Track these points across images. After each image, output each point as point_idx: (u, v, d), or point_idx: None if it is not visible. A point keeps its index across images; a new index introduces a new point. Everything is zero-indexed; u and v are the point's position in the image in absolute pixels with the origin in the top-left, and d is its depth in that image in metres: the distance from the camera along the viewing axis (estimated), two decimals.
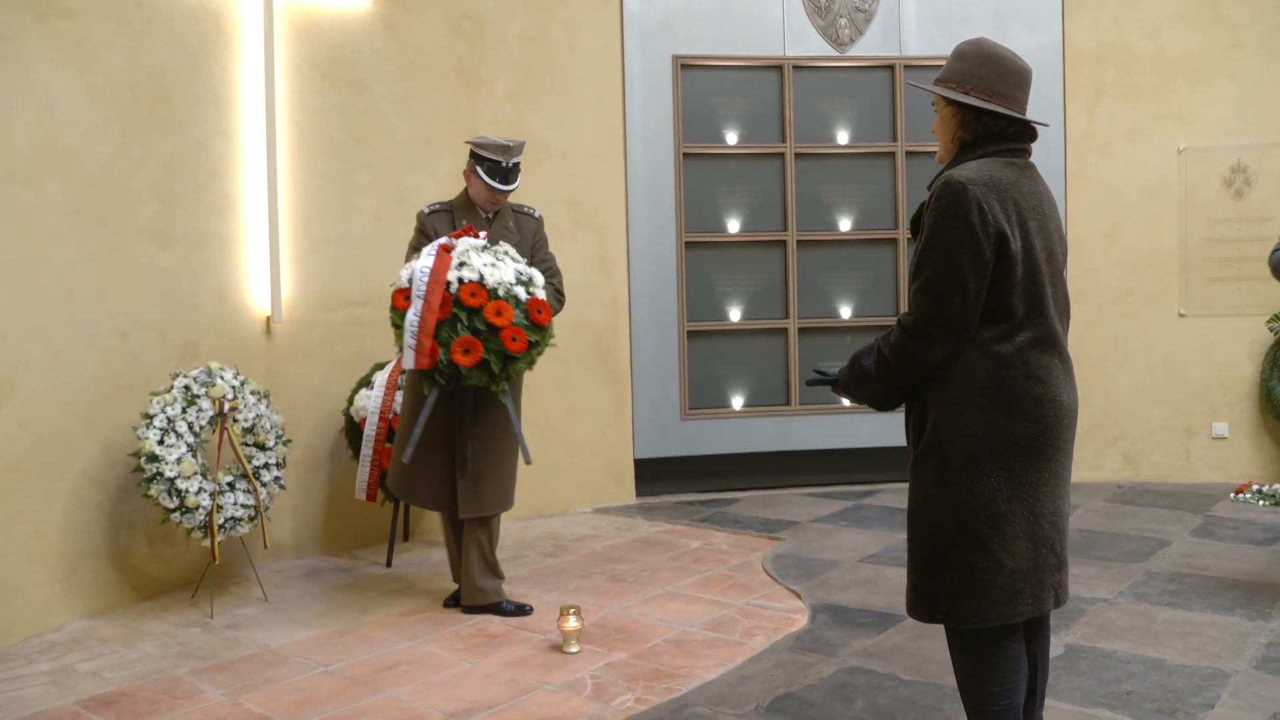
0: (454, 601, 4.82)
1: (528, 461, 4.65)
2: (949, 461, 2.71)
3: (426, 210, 4.77)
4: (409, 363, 4.25)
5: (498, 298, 4.29)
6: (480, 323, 4.27)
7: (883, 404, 2.91)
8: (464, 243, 4.39)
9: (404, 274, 4.32)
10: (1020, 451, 2.69)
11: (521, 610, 4.69)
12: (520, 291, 4.35)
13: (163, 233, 5.07)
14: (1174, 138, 7.05)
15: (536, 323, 4.35)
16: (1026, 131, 2.83)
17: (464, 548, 4.69)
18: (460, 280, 4.26)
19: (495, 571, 4.73)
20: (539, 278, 4.44)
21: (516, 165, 4.68)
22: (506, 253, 4.45)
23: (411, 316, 4.22)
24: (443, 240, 4.40)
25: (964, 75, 2.80)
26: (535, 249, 4.82)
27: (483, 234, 4.55)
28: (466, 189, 4.77)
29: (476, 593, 4.69)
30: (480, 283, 4.28)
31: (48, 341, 4.61)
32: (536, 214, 4.94)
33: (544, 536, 6.00)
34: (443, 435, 4.57)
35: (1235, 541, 5.59)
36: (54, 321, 4.63)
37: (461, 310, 4.25)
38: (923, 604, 2.82)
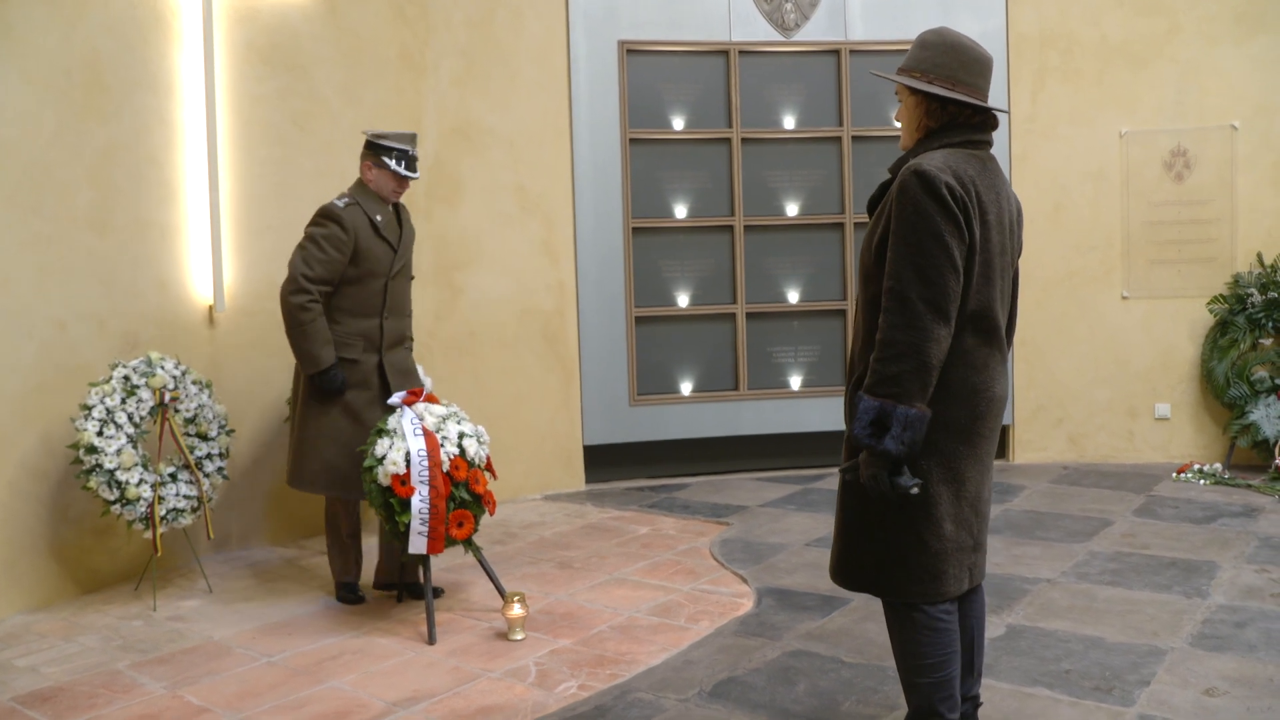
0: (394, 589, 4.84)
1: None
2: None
3: (341, 204, 4.58)
4: (419, 549, 4.19)
5: (474, 467, 4.35)
6: (466, 493, 4.31)
7: (918, 437, 2.64)
8: (434, 411, 4.38)
9: (395, 456, 4.18)
10: (953, 437, 2.75)
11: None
12: (483, 452, 4.42)
13: (101, 221, 4.99)
14: (1116, 122, 7.13)
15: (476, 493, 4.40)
16: (989, 120, 2.86)
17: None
18: (448, 457, 4.28)
19: None
20: (484, 431, 4.49)
21: (417, 156, 4.72)
22: (455, 412, 4.47)
23: (419, 504, 4.17)
24: (410, 413, 4.34)
25: (928, 64, 2.81)
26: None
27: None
28: (363, 182, 4.69)
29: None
30: (462, 456, 4.32)
31: None
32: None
33: (492, 524, 5.98)
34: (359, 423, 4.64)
35: (1175, 520, 5.69)
36: None
37: (454, 486, 4.28)
38: (849, 573, 2.90)
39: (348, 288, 4.58)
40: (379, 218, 4.63)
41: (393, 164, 4.61)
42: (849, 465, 2.78)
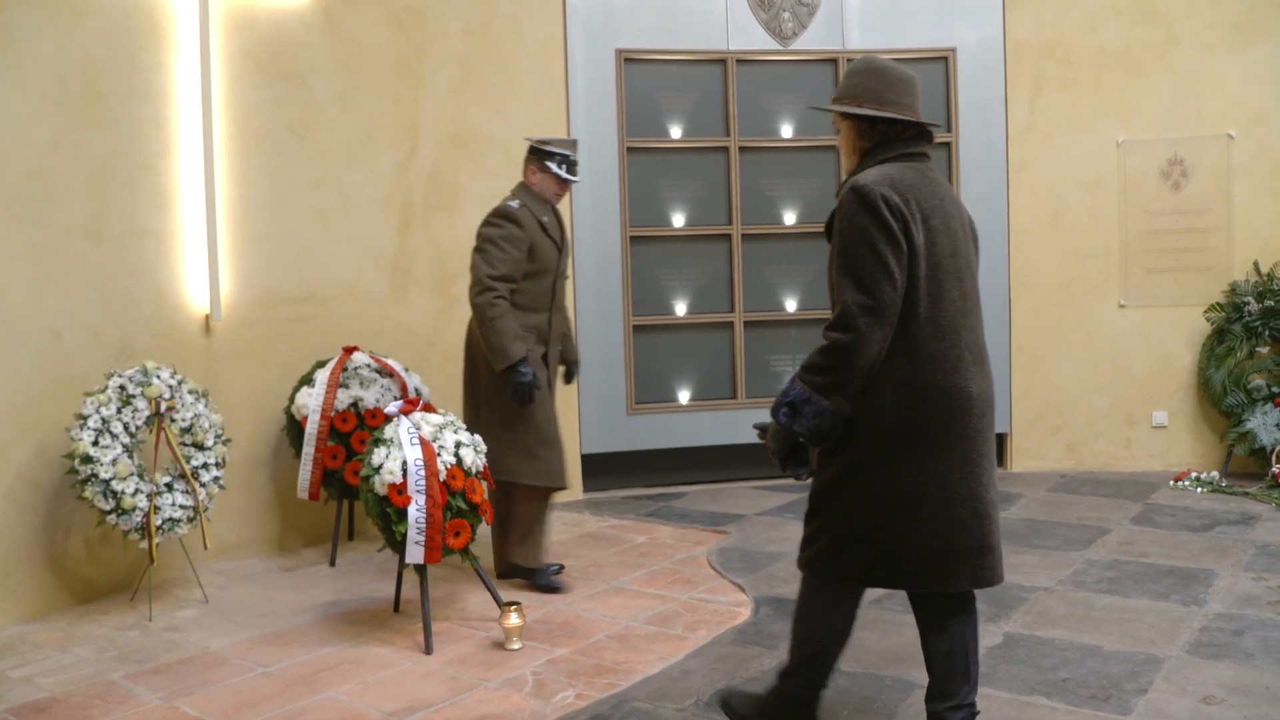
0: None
1: None
2: (863, 450, 2.92)
3: (515, 205, 4.89)
4: (416, 558, 4.19)
5: (471, 476, 4.36)
6: (463, 502, 4.31)
7: (825, 427, 2.89)
8: (430, 420, 4.38)
9: (392, 466, 4.19)
10: (928, 439, 2.89)
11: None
12: (479, 461, 4.43)
13: (96, 229, 4.99)
14: (1113, 130, 7.14)
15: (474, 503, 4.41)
16: (923, 134, 3.05)
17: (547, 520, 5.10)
18: (445, 466, 4.27)
19: None
20: (480, 440, 4.51)
21: (577, 160, 5.06)
22: (452, 421, 4.47)
23: (415, 513, 4.16)
24: (407, 423, 4.33)
25: (856, 90, 3.02)
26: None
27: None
28: (527, 185, 5.02)
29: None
30: (459, 465, 4.32)
31: None
32: None
33: (488, 533, 5.94)
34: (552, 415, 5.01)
35: (1173, 529, 5.69)
36: None
37: (451, 495, 4.28)
38: (825, 567, 3.06)
39: (523, 284, 4.88)
40: (545, 218, 4.96)
41: (555, 168, 4.96)
42: (761, 423, 3.05)
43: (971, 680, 3.06)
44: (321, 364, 5.58)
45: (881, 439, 2.89)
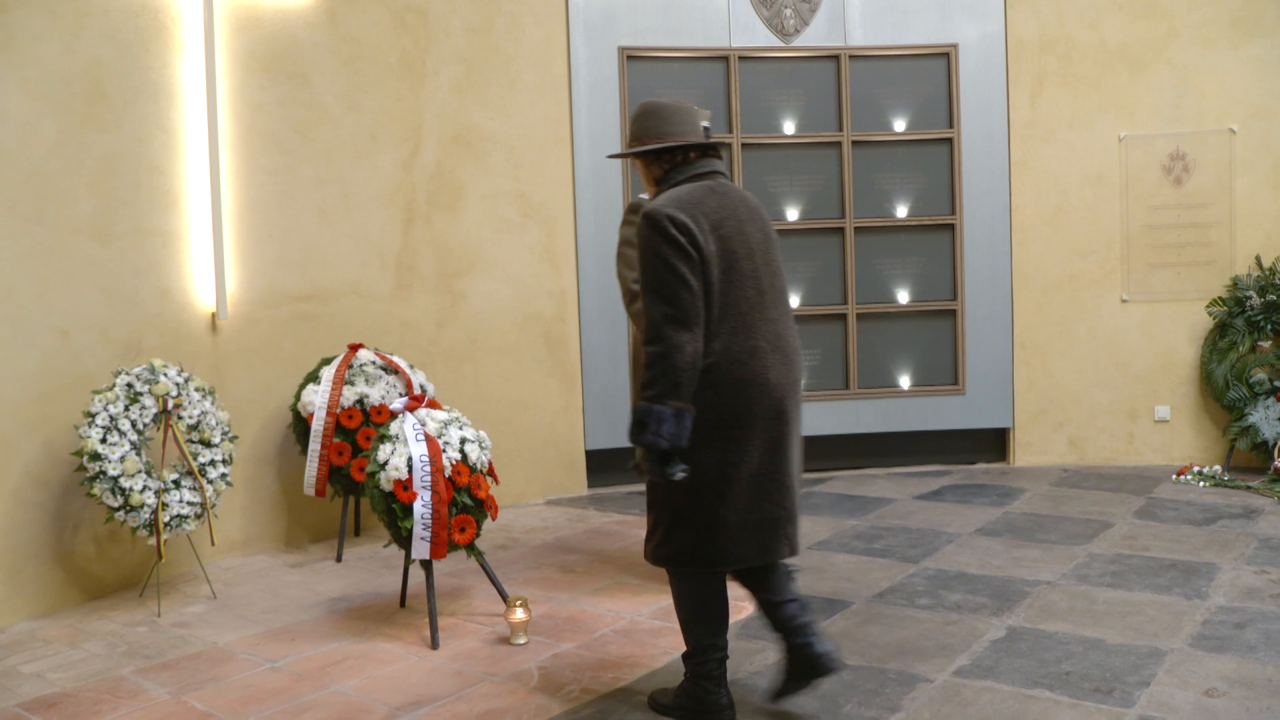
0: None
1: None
2: None
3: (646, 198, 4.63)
4: (422, 554, 4.23)
5: (476, 471, 4.38)
6: (469, 498, 4.33)
7: (677, 429, 3.10)
8: (435, 417, 4.40)
9: (397, 462, 4.21)
10: (733, 425, 3.18)
11: None
12: (485, 457, 4.44)
13: (102, 230, 5.02)
14: (1115, 126, 7.16)
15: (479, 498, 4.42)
16: (709, 153, 3.37)
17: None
18: (450, 463, 4.29)
19: None
20: (485, 436, 4.50)
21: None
22: (457, 418, 4.49)
23: (421, 509, 4.19)
24: (412, 419, 4.35)
25: (638, 132, 3.39)
26: None
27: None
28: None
29: None
30: (464, 461, 4.34)
31: None
32: None
33: (495, 529, 6.01)
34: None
35: (1175, 522, 5.71)
36: None
37: (456, 491, 4.30)
38: (661, 554, 3.32)
39: None
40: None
41: None
42: (633, 462, 3.26)
43: (808, 631, 3.41)
44: (327, 361, 5.62)
45: (694, 426, 3.14)
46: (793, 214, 7.22)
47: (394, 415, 4.44)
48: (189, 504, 4.78)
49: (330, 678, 3.94)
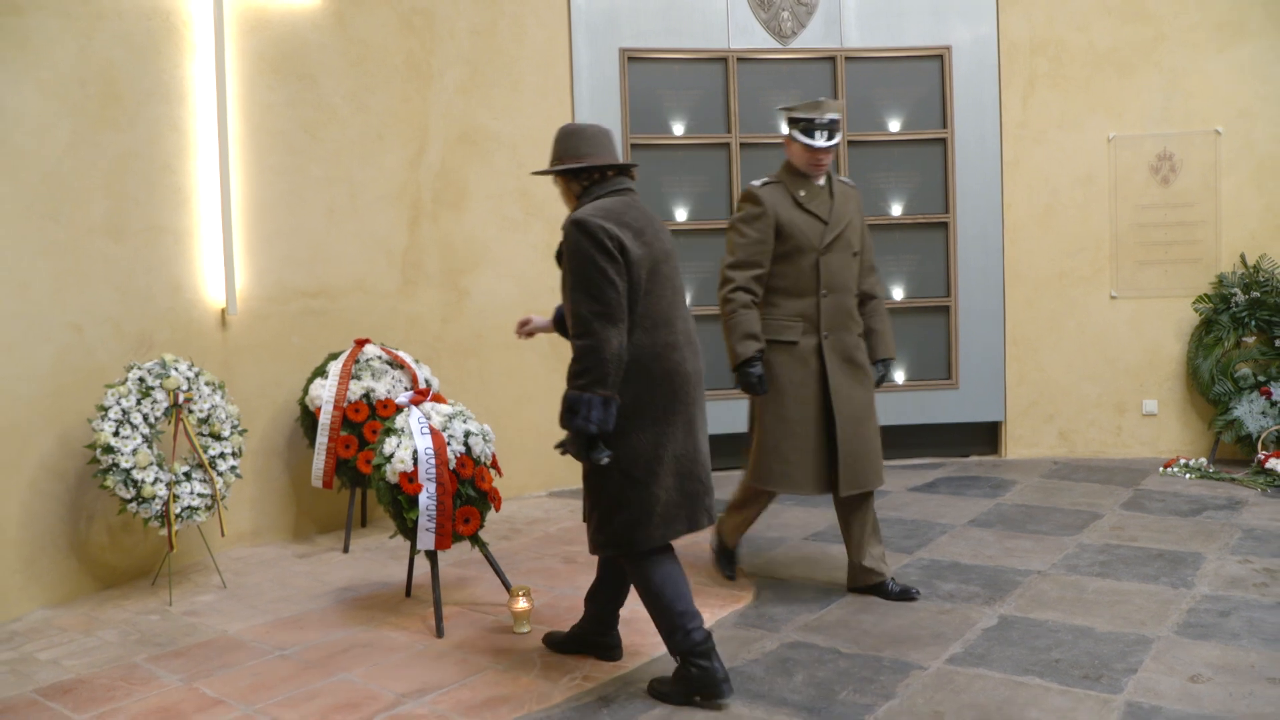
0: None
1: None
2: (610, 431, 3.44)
3: (758, 184, 4.51)
4: (427, 545, 4.28)
5: (480, 464, 4.43)
6: (473, 490, 4.38)
7: (604, 415, 3.40)
8: (440, 410, 4.45)
9: (403, 455, 4.27)
10: (658, 411, 3.51)
11: (907, 594, 4.57)
12: (488, 450, 4.50)
13: (115, 227, 5.10)
14: (1104, 127, 7.26)
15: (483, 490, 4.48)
16: (623, 172, 3.70)
17: (849, 526, 4.61)
18: (454, 455, 4.34)
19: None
20: (489, 430, 4.54)
21: (834, 122, 4.45)
22: (461, 411, 4.53)
23: (426, 501, 4.24)
24: (417, 413, 4.40)
25: (558, 153, 3.71)
26: (863, 229, 4.66)
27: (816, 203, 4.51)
28: (788, 161, 4.57)
29: (865, 573, 4.60)
30: (468, 454, 4.40)
31: (0, 336, 4.64)
32: (852, 185, 4.72)
33: (499, 520, 6.07)
34: (814, 414, 4.48)
35: (1162, 513, 5.80)
36: (6, 316, 4.66)
37: (460, 483, 4.35)
38: (601, 540, 3.59)
39: (778, 266, 4.46)
40: (802, 192, 4.47)
41: (799, 135, 4.46)
42: (560, 441, 3.55)
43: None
44: (334, 356, 5.69)
45: (621, 418, 3.46)
46: None
47: (400, 409, 4.50)
48: (199, 496, 4.84)
49: (337, 665, 3.99)
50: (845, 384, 4.49)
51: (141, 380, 4.75)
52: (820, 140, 4.43)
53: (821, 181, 4.55)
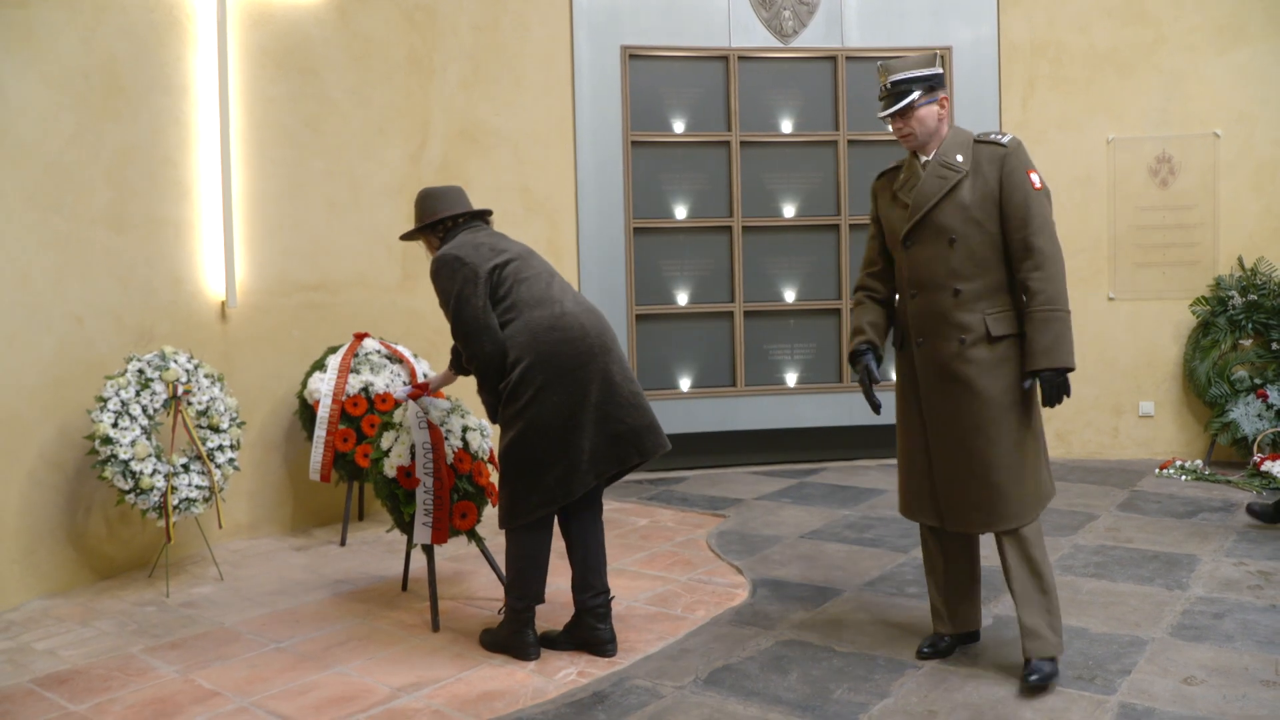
0: None
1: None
2: (520, 398, 3.81)
3: (876, 177, 3.93)
4: (424, 539, 4.28)
5: (477, 459, 4.44)
6: (470, 485, 4.39)
7: (493, 400, 3.94)
8: (438, 405, 4.45)
9: (400, 449, 4.28)
10: (565, 371, 3.81)
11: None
12: (486, 445, 4.51)
13: (117, 219, 5.11)
14: (1103, 128, 7.28)
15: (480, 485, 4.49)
16: (476, 217, 4.18)
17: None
18: (452, 450, 4.34)
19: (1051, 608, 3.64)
20: (487, 425, 4.51)
21: (898, 84, 3.63)
22: (459, 406, 4.53)
23: (423, 495, 4.25)
24: (415, 408, 4.37)
25: (419, 215, 4.18)
26: (1006, 199, 3.69)
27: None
28: None
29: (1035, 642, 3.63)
30: (466, 449, 4.40)
31: (1, 326, 4.65)
32: (1005, 140, 3.67)
33: (494, 515, 6.03)
34: (918, 433, 3.82)
35: (1158, 515, 5.81)
36: (7, 307, 4.67)
37: (458, 478, 4.36)
38: (537, 502, 3.84)
39: (888, 265, 3.89)
40: (902, 176, 3.76)
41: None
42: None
43: (597, 569, 4.02)
44: (333, 350, 5.71)
45: (530, 390, 3.79)
46: (789, 211, 7.33)
47: (398, 403, 4.51)
48: (197, 488, 4.85)
49: (333, 658, 4.00)
50: (940, 402, 3.68)
51: (141, 372, 4.76)
52: (882, 109, 3.70)
53: (926, 158, 3.69)
